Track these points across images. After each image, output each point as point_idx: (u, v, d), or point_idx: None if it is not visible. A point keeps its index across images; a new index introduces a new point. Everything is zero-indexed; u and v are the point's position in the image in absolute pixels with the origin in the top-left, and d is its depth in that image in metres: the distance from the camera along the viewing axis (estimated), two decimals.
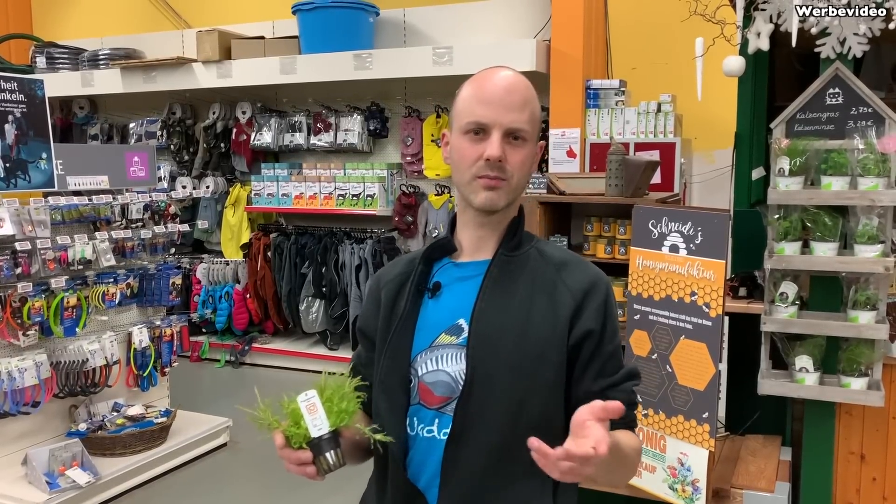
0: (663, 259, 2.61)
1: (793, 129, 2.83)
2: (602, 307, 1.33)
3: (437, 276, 1.40)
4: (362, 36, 5.60)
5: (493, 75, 1.34)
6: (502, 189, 1.32)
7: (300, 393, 1.22)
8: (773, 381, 2.84)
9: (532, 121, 1.33)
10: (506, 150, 1.30)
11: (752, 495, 2.72)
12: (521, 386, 1.28)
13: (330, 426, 1.20)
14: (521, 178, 1.34)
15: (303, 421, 1.19)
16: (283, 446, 1.22)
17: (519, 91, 1.32)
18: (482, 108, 1.31)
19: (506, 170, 1.31)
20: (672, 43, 4.79)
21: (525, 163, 1.33)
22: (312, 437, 1.19)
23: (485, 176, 1.31)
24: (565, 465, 1.05)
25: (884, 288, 2.73)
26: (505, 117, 1.30)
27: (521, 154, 1.32)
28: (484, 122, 1.30)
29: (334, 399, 1.22)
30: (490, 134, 1.30)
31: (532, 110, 1.34)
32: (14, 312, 3.46)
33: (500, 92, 1.31)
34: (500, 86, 1.32)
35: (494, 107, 1.30)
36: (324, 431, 1.19)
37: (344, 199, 5.84)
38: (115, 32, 7.19)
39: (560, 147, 4.81)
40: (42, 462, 3.47)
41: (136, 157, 4.27)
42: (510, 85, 1.32)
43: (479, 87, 1.33)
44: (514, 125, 1.30)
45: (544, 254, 1.39)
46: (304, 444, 1.20)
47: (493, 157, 1.29)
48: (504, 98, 1.30)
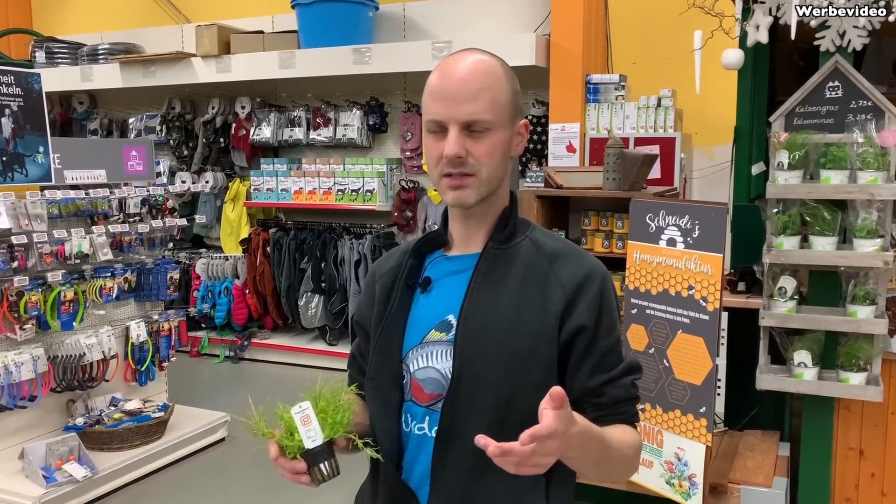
0: (661, 253, 2.60)
1: (792, 123, 2.82)
2: (596, 301, 1.29)
3: (428, 270, 1.38)
4: (362, 30, 5.58)
5: (448, 67, 1.27)
6: (470, 186, 1.27)
7: (294, 402, 1.21)
8: (771, 377, 2.82)
9: (494, 107, 1.26)
10: (467, 144, 1.25)
11: (750, 490, 2.71)
12: (509, 383, 1.25)
13: (324, 438, 1.20)
14: (491, 169, 1.27)
15: (297, 433, 1.19)
16: (278, 456, 1.21)
17: (473, 79, 1.24)
18: (437, 105, 1.25)
19: (469, 164, 1.25)
20: (672, 37, 4.76)
21: (493, 152, 1.27)
22: (307, 448, 1.19)
23: (448, 174, 1.26)
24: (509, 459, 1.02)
25: (883, 282, 2.72)
26: (459, 111, 1.24)
27: (486, 144, 1.26)
28: (439, 119, 1.25)
29: (329, 410, 1.22)
30: (448, 131, 1.25)
31: (492, 96, 1.25)
32: (11, 306, 3.45)
33: (452, 85, 1.25)
34: (453, 78, 1.25)
35: (447, 101, 1.24)
36: (318, 443, 1.19)
37: (343, 195, 5.83)
38: (115, 27, 7.18)
39: (560, 142, 4.80)
40: (39, 456, 3.47)
41: (133, 152, 4.26)
42: (464, 75, 1.25)
43: (434, 82, 1.27)
44: (470, 117, 1.24)
45: (539, 244, 1.34)
46: (299, 454, 1.20)
47: (449, 156, 1.24)
48: (457, 91, 1.24)
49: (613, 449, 1.22)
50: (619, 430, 1.28)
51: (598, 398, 1.29)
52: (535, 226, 1.40)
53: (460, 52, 1.30)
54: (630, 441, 1.29)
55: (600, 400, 1.29)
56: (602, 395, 1.29)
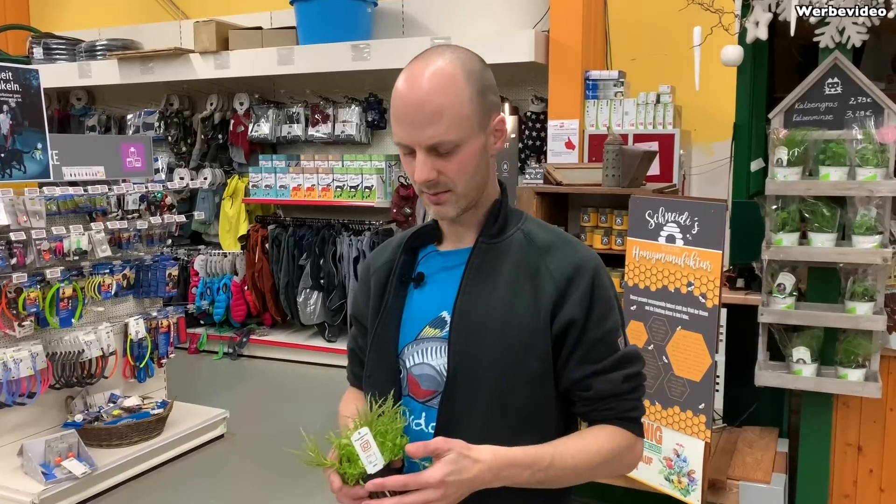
0: (660, 249, 2.60)
1: (791, 120, 2.81)
2: (587, 293, 1.27)
3: (421, 265, 1.37)
4: (360, 26, 5.57)
5: (407, 83, 1.22)
6: (447, 202, 1.27)
7: (351, 430, 1.21)
8: (770, 373, 2.83)
9: (456, 124, 1.21)
10: (437, 165, 1.23)
11: (749, 486, 2.71)
12: (505, 378, 1.25)
13: (384, 461, 1.19)
14: (466, 182, 1.26)
15: (359, 460, 1.19)
16: (341, 486, 1.20)
17: (432, 100, 1.20)
18: (400, 129, 1.24)
19: (442, 182, 1.25)
20: (671, 34, 4.76)
21: (464, 167, 1.24)
22: (369, 473, 1.19)
23: (425, 193, 1.27)
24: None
25: (881, 279, 2.72)
26: (421, 136, 1.21)
27: (455, 162, 1.23)
28: (405, 143, 1.24)
29: (387, 434, 1.22)
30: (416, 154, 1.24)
31: (452, 113, 1.21)
32: (9, 303, 3.45)
33: (410, 110, 1.21)
34: (410, 100, 1.21)
35: (409, 126, 1.22)
36: (379, 467, 1.19)
37: (342, 191, 5.82)
38: (113, 23, 7.16)
39: (559, 138, 4.79)
40: (38, 453, 3.46)
41: (132, 148, 4.25)
42: (421, 97, 1.20)
43: (395, 100, 1.24)
44: (433, 141, 1.21)
45: (531, 236, 1.33)
46: (361, 480, 1.20)
47: (420, 182, 1.24)
48: (416, 115, 1.21)
49: (559, 467, 1.22)
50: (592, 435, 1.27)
51: (585, 391, 1.28)
52: (527, 216, 1.39)
53: (420, 61, 1.24)
54: (605, 446, 1.26)
55: (586, 394, 1.28)
56: (588, 389, 1.28)
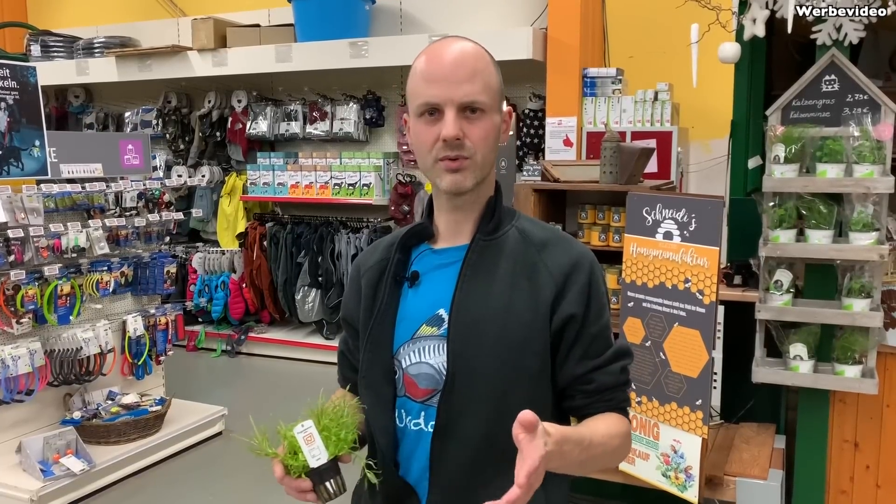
0: (657, 246, 2.60)
1: (788, 117, 2.82)
2: (585, 289, 1.28)
3: (415, 264, 1.36)
4: (358, 24, 5.57)
5: (439, 50, 1.26)
6: (467, 169, 1.25)
7: (296, 422, 1.20)
8: (767, 369, 2.83)
9: (487, 90, 1.25)
10: (464, 127, 1.23)
11: (746, 483, 2.72)
12: (504, 376, 1.25)
13: (329, 456, 1.18)
14: (485, 153, 1.26)
15: (301, 452, 1.18)
16: (283, 476, 1.20)
17: (467, 62, 1.24)
18: (431, 88, 1.23)
19: (466, 147, 1.24)
20: (669, 31, 4.76)
21: (487, 136, 1.26)
22: (311, 467, 1.18)
23: (445, 158, 1.24)
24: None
25: (878, 276, 2.73)
26: (456, 92, 1.22)
27: (481, 127, 1.25)
28: (435, 101, 1.23)
29: (332, 428, 1.20)
30: (444, 113, 1.23)
31: (486, 80, 1.25)
32: (7, 300, 3.45)
33: (447, 67, 1.23)
34: (446, 60, 1.24)
35: (443, 84, 1.23)
36: (322, 461, 1.17)
37: (340, 189, 5.82)
38: (110, 21, 7.15)
39: (557, 136, 4.79)
40: (36, 450, 3.47)
41: (129, 146, 4.25)
42: (457, 58, 1.24)
43: (426, 66, 1.25)
44: (468, 98, 1.23)
45: (526, 233, 1.33)
46: (303, 473, 1.19)
47: (449, 137, 1.22)
48: (452, 72, 1.23)
49: (596, 446, 1.21)
50: (604, 421, 1.28)
51: (587, 385, 1.29)
52: (520, 214, 1.39)
53: (446, 39, 1.29)
54: (616, 431, 1.28)
55: (588, 387, 1.29)
56: (590, 382, 1.29)
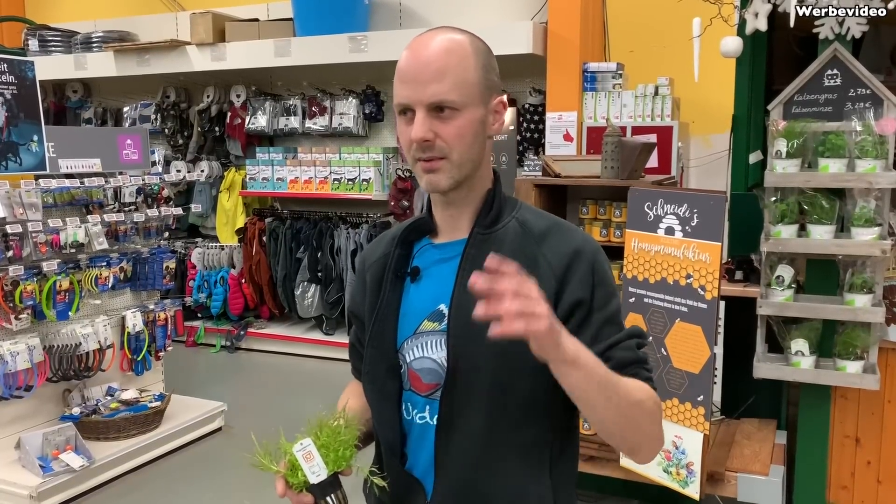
0: (659, 241, 2.59)
1: (790, 111, 2.81)
2: (588, 275, 1.26)
3: (416, 259, 1.36)
4: (357, 18, 5.55)
5: (415, 47, 1.25)
6: (442, 170, 1.24)
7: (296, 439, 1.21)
8: (768, 365, 2.83)
9: (461, 86, 1.22)
10: (436, 126, 1.22)
11: (747, 478, 2.72)
12: (505, 370, 1.24)
13: (328, 472, 1.19)
14: (463, 150, 1.24)
15: (300, 470, 1.19)
16: (286, 491, 1.21)
17: (438, 59, 1.22)
18: (402, 88, 1.23)
19: (438, 147, 1.22)
20: (670, 26, 4.74)
21: (463, 134, 1.23)
22: (311, 483, 1.19)
23: (420, 159, 1.24)
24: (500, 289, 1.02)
25: (880, 271, 2.72)
26: (423, 93, 1.21)
27: (455, 126, 1.22)
28: (405, 102, 1.23)
29: (331, 445, 1.21)
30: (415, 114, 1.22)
31: (458, 76, 1.22)
32: (6, 296, 3.44)
33: (415, 67, 1.22)
34: (416, 59, 1.23)
35: (412, 84, 1.22)
36: (322, 477, 1.19)
37: (339, 184, 5.80)
38: (109, 15, 7.12)
39: (557, 130, 4.78)
40: (35, 446, 3.46)
41: (128, 141, 4.23)
42: (427, 56, 1.22)
43: (401, 64, 1.25)
44: (435, 98, 1.21)
45: (526, 224, 1.31)
46: (305, 489, 1.20)
47: (417, 140, 1.21)
48: (420, 72, 1.21)
49: (620, 386, 1.17)
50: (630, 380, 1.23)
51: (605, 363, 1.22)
52: (522, 204, 1.37)
53: (429, 32, 1.27)
54: (642, 390, 1.24)
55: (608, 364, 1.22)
56: (608, 360, 1.23)
